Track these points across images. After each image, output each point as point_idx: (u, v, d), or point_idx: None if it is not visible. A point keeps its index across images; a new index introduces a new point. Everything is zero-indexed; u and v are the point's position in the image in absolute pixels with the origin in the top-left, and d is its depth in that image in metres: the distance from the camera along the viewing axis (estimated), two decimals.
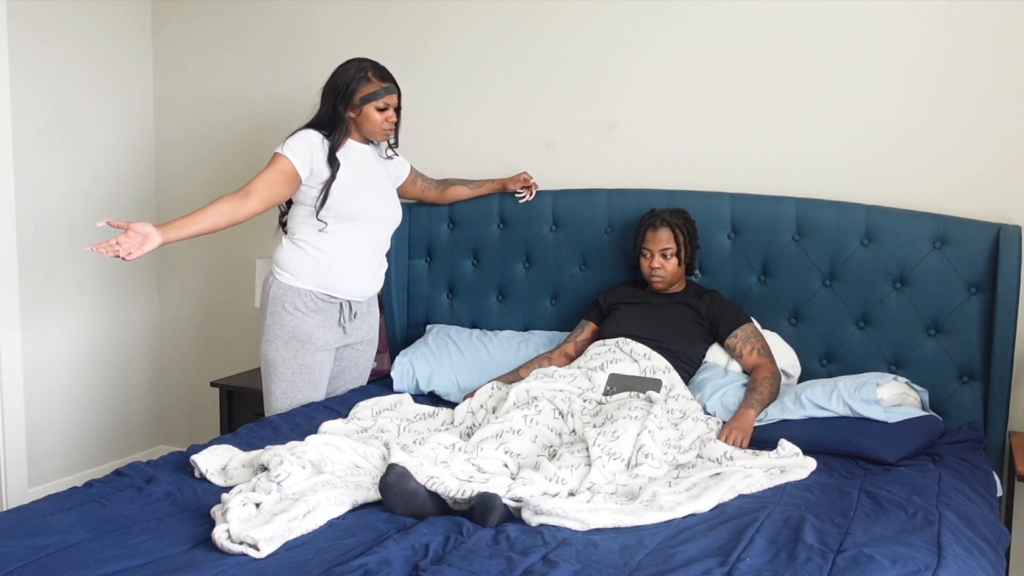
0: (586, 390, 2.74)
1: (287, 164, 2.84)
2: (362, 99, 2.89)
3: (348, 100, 2.90)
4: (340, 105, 2.90)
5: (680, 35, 3.20)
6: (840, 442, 2.54)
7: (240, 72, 3.89)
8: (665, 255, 2.95)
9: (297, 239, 2.93)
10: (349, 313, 2.98)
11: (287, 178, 2.85)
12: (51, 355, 3.73)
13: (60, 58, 3.67)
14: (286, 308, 2.90)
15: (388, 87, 2.93)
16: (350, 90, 2.89)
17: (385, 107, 2.92)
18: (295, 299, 2.90)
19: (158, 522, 2.01)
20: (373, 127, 2.93)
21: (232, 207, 2.75)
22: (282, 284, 2.91)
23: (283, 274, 2.92)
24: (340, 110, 2.90)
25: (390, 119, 2.95)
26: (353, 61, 2.94)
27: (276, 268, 2.94)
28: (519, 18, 3.40)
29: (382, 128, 2.94)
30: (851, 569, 1.77)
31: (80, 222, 3.80)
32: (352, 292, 2.97)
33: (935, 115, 2.93)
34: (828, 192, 3.03)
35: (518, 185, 3.31)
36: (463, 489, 2.07)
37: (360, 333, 3.07)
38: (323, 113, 2.93)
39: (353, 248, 2.94)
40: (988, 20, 2.85)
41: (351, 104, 2.90)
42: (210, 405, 3.86)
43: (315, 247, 2.90)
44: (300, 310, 2.90)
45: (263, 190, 2.81)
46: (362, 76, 2.89)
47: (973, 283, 2.83)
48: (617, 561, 1.83)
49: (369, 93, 2.89)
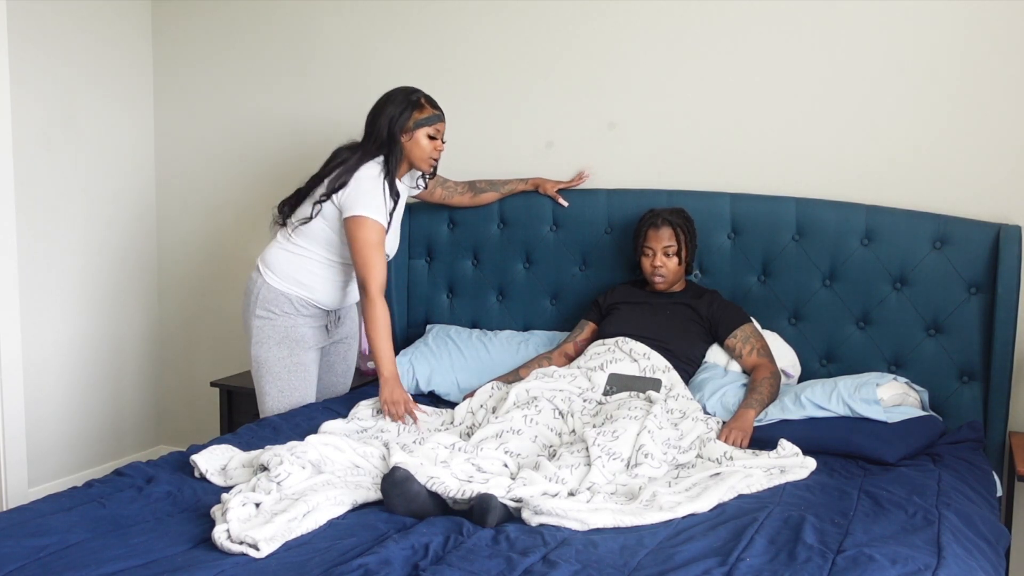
0: (586, 390, 2.74)
1: (380, 228, 2.82)
2: (416, 123, 2.87)
3: (403, 124, 2.86)
4: (395, 128, 2.85)
5: (680, 35, 3.20)
6: (840, 442, 2.54)
7: (240, 72, 3.89)
8: (667, 253, 2.95)
9: (300, 252, 2.91)
10: (334, 317, 3.03)
11: (383, 237, 2.84)
12: (51, 355, 3.73)
13: (60, 58, 3.67)
14: (274, 311, 2.90)
15: (439, 115, 2.93)
16: (404, 115, 2.86)
17: (436, 135, 2.91)
18: (284, 303, 2.90)
19: (158, 522, 2.01)
20: (421, 154, 2.91)
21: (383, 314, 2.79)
22: (272, 288, 2.90)
23: (272, 277, 2.91)
24: (396, 133, 2.86)
25: (438, 148, 2.94)
26: (402, 88, 2.92)
27: (266, 270, 2.92)
28: (519, 18, 3.40)
29: (430, 156, 2.92)
30: (851, 569, 1.77)
31: (80, 222, 3.80)
32: (336, 306, 3.02)
33: (935, 115, 2.93)
34: (828, 192, 3.03)
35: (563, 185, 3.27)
36: (463, 489, 2.07)
37: (344, 330, 3.12)
38: (377, 138, 2.87)
39: (349, 279, 2.98)
40: (988, 20, 2.85)
41: (405, 127, 2.87)
42: (210, 405, 3.85)
43: (313, 272, 2.91)
44: (289, 312, 2.90)
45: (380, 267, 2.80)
46: (415, 101, 2.88)
47: (973, 283, 2.83)
48: (617, 561, 1.83)
49: (424, 118, 2.88)
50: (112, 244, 3.95)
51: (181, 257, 4.10)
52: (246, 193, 3.93)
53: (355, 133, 2.93)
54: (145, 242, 4.10)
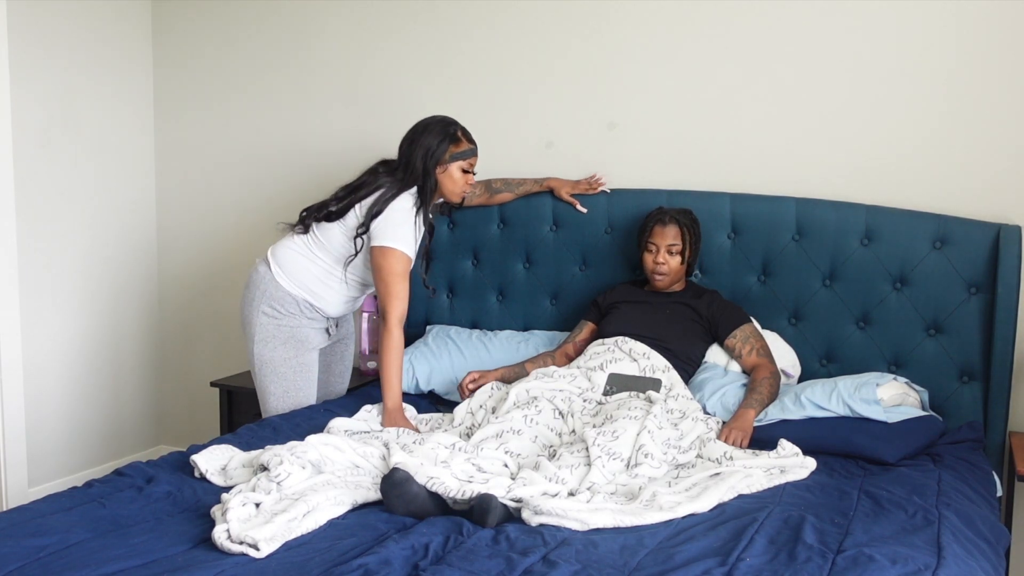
0: (586, 390, 2.74)
1: (407, 259, 2.82)
2: (452, 156, 2.87)
3: (439, 157, 2.85)
4: (430, 161, 2.84)
5: (680, 35, 3.20)
6: (840, 442, 2.54)
7: (240, 72, 3.89)
8: (671, 251, 2.95)
9: (317, 263, 2.90)
10: (334, 321, 3.05)
11: (408, 268, 2.85)
12: (51, 355, 3.73)
13: (60, 58, 3.67)
14: (279, 310, 2.90)
15: (474, 149, 2.93)
16: (441, 148, 2.85)
17: (469, 168, 2.92)
18: (290, 303, 2.90)
19: (158, 522, 2.01)
20: (454, 187, 2.91)
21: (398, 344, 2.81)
22: (280, 287, 2.90)
23: (283, 277, 2.91)
24: (430, 166, 2.85)
25: (470, 181, 2.94)
26: (439, 118, 2.91)
27: (277, 268, 2.92)
28: (519, 19, 3.40)
29: (461, 189, 2.93)
30: (851, 569, 1.77)
31: (80, 222, 3.80)
32: (341, 315, 3.05)
33: (935, 115, 2.93)
34: (828, 192, 3.03)
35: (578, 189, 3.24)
36: (463, 489, 2.06)
37: (341, 332, 3.15)
38: (412, 169, 2.85)
39: (360, 296, 3.02)
40: (988, 21, 2.84)
41: (441, 160, 2.86)
42: (210, 405, 3.85)
43: (327, 285, 2.91)
44: (293, 312, 2.91)
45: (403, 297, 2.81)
46: (453, 134, 2.88)
47: (973, 283, 2.83)
48: (617, 561, 1.83)
49: (459, 152, 2.88)
50: (112, 244, 3.95)
51: (181, 257, 4.10)
52: (246, 193, 3.93)
53: (355, 132, 2.94)
54: (145, 242, 4.10)
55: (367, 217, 2.82)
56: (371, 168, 2.94)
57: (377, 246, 2.82)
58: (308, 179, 3.77)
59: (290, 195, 3.80)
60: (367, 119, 3.65)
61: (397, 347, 2.82)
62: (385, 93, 3.61)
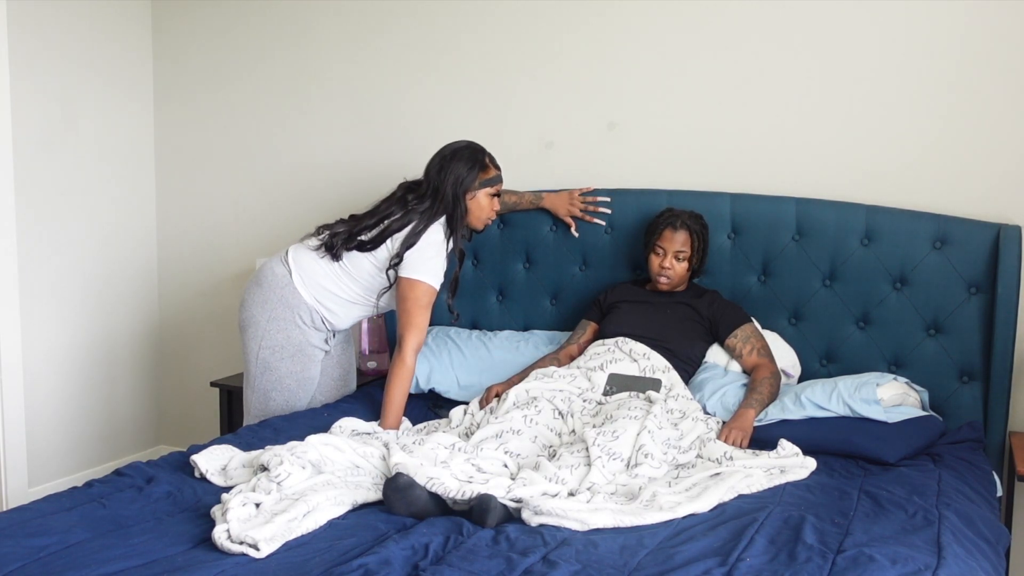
0: (586, 390, 2.74)
1: (433, 292, 2.82)
2: (481, 183, 2.87)
3: (468, 185, 2.85)
4: (460, 188, 2.83)
5: (680, 35, 3.20)
6: (840, 442, 2.54)
7: (240, 71, 3.89)
8: (678, 257, 2.94)
9: (339, 281, 2.88)
10: (331, 333, 3.02)
11: (433, 299, 2.84)
12: (51, 354, 3.73)
13: (60, 58, 3.67)
14: (290, 317, 2.87)
15: (501, 175, 2.93)
16: (471, 176, 2.85)
17: (496, 194, 2.92)
18: (304, 311, 2.88)
19: (158, 522, 2.01)
20: (480, 214, 2.91)
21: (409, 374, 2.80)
22: (297, 293, 2.86)
23: (301, 285, 2.87)
24: (460, 193, 2.84)
25: (495, 207, 2.94)
26: (465, 144, 2.90)
27: (297, 275, 2.87)
28: (519, 18, 3.40)
29: (488, 216, 2.93)
30: (851, 569, 1.77)
31: (80, 222, 3.80)
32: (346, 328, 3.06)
33: (935, 116, 2.93)
34: (828, 192, 3.03)
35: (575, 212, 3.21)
36: (463, 490, 2.06)
37: (339, 338, 3.13)
38: (442, 197, 2.83)
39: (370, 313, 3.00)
40: (988, 21, 2.84)
41: (471, 188, 2.86)
42: (210, 405, 3.86)
43: (346, 303, 2.91)
44: (305, 322, 2.89)
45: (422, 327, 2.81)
46: (482, 161, 2.87)
47: (973, 283, 2.83)
48: (617, 561, 1.83)
49: (488, 179, 2.88)
50: (112, 244, 3.95)
51: (181, 257, 4.10)
52: (246, 193, 3.93)
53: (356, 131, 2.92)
54: (145, 242, 4.10)
55: (401, 249, 2.81)
56: (399, 197, 2.90)
57: (406, 277, 2.81)
58: (308, 179, 3.77)
59: (290, 195, 3.80)
60: (368, 118, 3.65)
61: (408, 376, 2.80)
62: (385, 91, 3.61)
